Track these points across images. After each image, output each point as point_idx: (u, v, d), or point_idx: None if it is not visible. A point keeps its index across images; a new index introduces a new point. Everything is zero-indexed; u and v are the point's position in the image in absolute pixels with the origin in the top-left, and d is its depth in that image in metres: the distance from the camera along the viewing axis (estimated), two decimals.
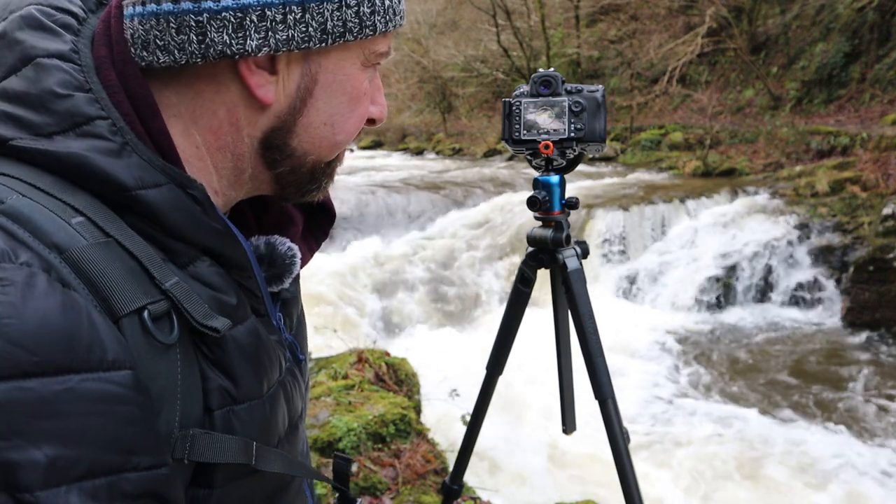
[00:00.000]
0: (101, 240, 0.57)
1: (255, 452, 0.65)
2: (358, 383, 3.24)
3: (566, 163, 1.42)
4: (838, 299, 7.96)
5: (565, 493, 4.03)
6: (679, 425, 5.44)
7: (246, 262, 0.69)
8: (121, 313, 0.55)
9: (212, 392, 0.63)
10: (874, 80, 12.22)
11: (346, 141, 0.74)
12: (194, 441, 0.60)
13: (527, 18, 19.11)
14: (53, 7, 0.65)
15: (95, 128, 0.60)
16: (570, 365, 1.62)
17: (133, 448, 0.53)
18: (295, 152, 0.71)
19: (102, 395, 0.51)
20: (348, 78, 0.70)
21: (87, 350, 0.51)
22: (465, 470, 1.69)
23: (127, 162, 0.60)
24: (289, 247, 0.78)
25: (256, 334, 0.68)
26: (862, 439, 5.31)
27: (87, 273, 0.54)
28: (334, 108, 0.71)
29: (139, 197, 0.60)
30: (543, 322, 1.71)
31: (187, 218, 0.62)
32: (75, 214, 0.57)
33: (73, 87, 0.61)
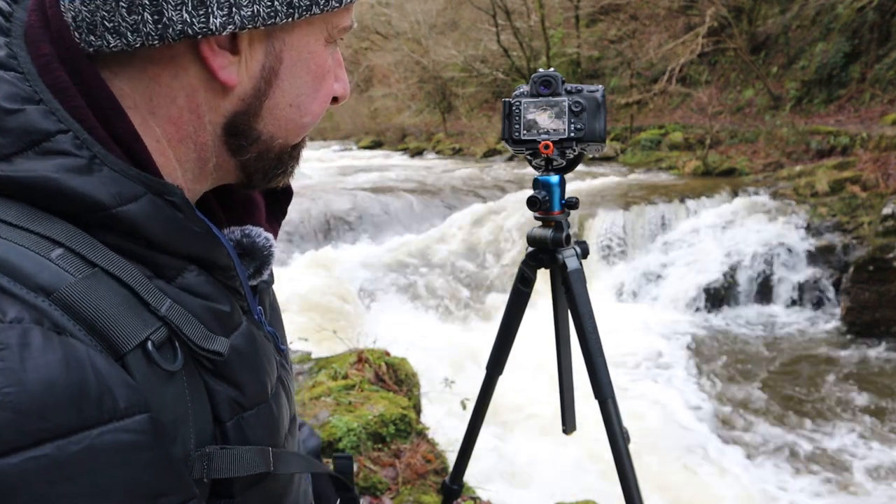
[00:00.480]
0: (87, 272, 0.53)
1: (273, 458, 0.64)
2: (358, 383, 3.24)
3: (566, 163, 1.42)
4: (838, 299, 7.97)
5: (565, 493, 4.03)
6: (679, 425, 5.44)
7: (229, 262, 0.66)
8: (124, 350, 0.52)
9: (220, 404, 0.61)
10: (874, 80, 12.23)
11: (313, 123, 0.70)
12: (211, 459, 0.58)
13: (527, 18, 19.12)
14: None
15: (58, 144, 0.54)
16: (570, 365, 1.62)
17: (161, 491, 0.51)
18: (261, 137, 0.67)
19: (122, 446, 0.49)
20: (312, 55, 0.66)
21: (98, 403, 0.48)
22: (465, 470, 1.69)
23: (99, 178, 0.54)
24: (265, 237, 0.74)
25: (252, 337, 0.67)
26: (861, 439, 5.31)
27: (81, 313, 0.51)
28: (299, 87, 0.66)
29: (120, 215, 0.55)
30: (543, 322, 1.71)
31: (170, 228, 0.58)
32: (53, 247, 0.52)
33: (22, 100, 0.54)
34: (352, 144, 24.11)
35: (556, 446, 4.58)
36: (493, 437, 4.53)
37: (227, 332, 0.63)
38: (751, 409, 5.83)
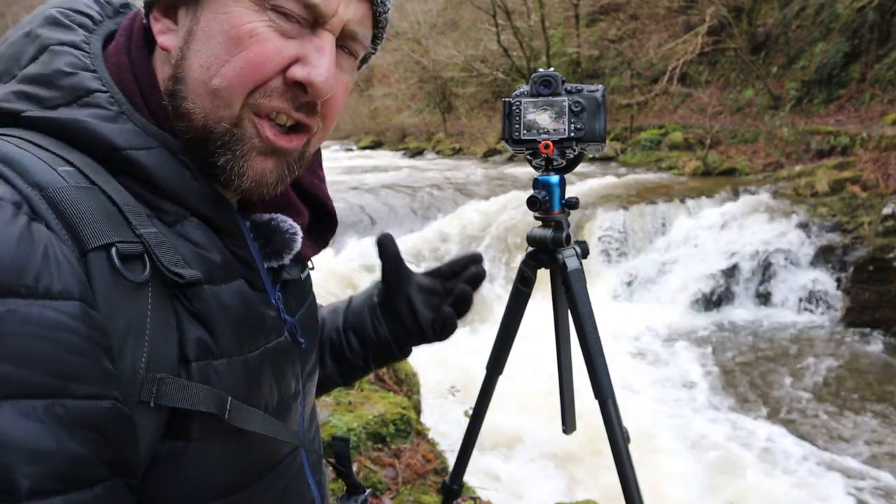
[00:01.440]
0: (85, 185, 0.60)
1: (230, 407, 0.64)
2: (358, 383, 3.24)
3: (566, 163, 1.42)
4: (838, 299, 7.97)
5: (565, 493, 4.04)
6: (679, 424, 5.44)
7: (236, 229, 0.71)
8: (88, 247, 0.57)
9: (189, 343, 0.63)
10: (874, 80, 12.22)
11: (225, 89, 0.67)
12: (161, 385, 0.59)
13: (527, 18, 19.12)
14: (72, 10, 0.72)
15: (95, 99, 0.65)
16: (570, 365, 1.61)
17: (71, 375, 0.53)
18: (185, 104, 0.68)
19: (44, 321, 0.52)
20: (228, 16, 0.66)
21: (35, 278, 0.53)
22: (465, 470, 1.69)
23: (121, 127, 0.65)
24: (290, 224, 0.78)
25: (242, 297, 0.69)
26: (862, 439, 5.31)
27: (61, 208, 0.57)
28: (211, 48, 0.67)
29: (129, 157, 0.64)
30: (543, 322, 1.71)
31: (177, 179, 0.66)
32: (65, 164, 0.61)
33: (80, 67, 0.67)
34: (352, 144, 24.11)
35: (556, 446, 4.58)
36: (494, 437, 4.53)
37: (211, 278, 0.66)
38: (750, 408, 5.83)
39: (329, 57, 0.69)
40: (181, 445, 0.63)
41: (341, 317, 1.10)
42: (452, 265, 1.06)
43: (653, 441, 4.98)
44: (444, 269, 1.06)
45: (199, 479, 0.65)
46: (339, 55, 0.73)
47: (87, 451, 0.53)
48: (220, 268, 0.67)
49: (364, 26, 0.74)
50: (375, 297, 1.08)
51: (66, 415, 0.52)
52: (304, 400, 0.84)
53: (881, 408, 5.82)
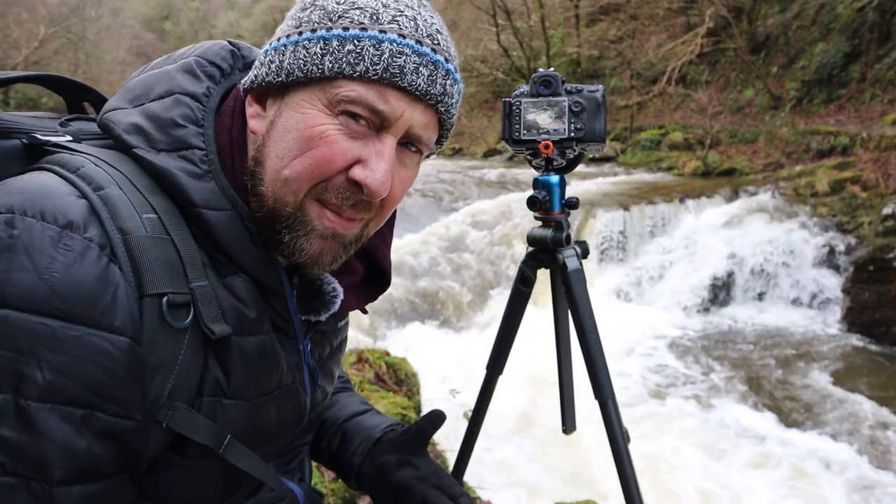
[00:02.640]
0: (161, 235, 0.72)
1: (226, 443, 0.77)
2: (358, 383, 3.24)
3: (566, 163, 1.42)
4: (838, 299, 7.96)
5: (565, 493, 4.04)
6: (679, 425, 5.44)
7: (279, 289, 0.81)
8: (146, 293, 0.70)
9: (207, 381, 0.75)
10: (874, 80, 12.22)
11: (293, 179, 0.76)
12: (175, 412, 0.73)
13: (527, 18, 19.11)
14: (208, 61, 0.85)
15: (191, 154, 0.77)
16: (570, 365, 1.61)
17: (108, 396, 0.67)
18: (260, 186, 0.79)
19: (98, 349, 0.66)
20: (304, 117, 0.76)
21: (101, 314, 0.66)
22: (465, 470, 1.69)
23: (203, 185, 0.76)
24: (333, 287, 0.88)
25: (265, 349, 0.80)
26: (861, 439, 5.31)
27: (135, 255, 0.70)
28: (286, 142, 0.77)
29: (201, 214, 0.75)
30: (543, 322, 1.71)
31: (236, 241, 0.77)
32: (150, 211, 0.73)
33: (190, 121, 0.78)
34: None
35: (556, 446, 4.58)
36: (494, 437, 4.53)
37: (241, 331, 0.77)
38: (750, 409, 5.83)
39: (387, 162, 0.77)
40: (177, 459, 0.76)
41: (345, 415, 1.15)
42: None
43: (653, 441, 4.98)
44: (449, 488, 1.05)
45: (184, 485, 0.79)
46: (404, 153, 0.81)
47: (106, 454, 0.68)
48: (252, 323, 0.79)
49: (429, 130, 0.80)
50: (380, 432, 1.11)
51: (97, 425, 0.66)
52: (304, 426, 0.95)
53: (882, 407, 5.82)
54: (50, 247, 0.65)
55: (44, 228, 0.66)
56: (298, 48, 0.75)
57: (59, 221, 0.67)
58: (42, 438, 0.63)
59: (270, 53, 0.78)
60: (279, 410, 0.86)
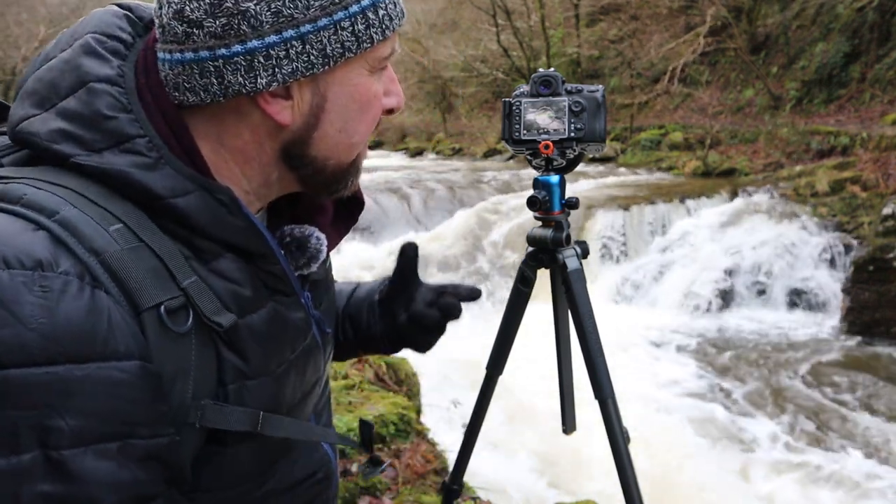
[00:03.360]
0: (134, 244, 0.68)
1: (262, 421, 0.76)
2: (358, 383, 3.24)
3: (566, 163, 1.42)
4: (838, 299, 7.96)
5: (565, 493, 4.04)
6: (678, 425, 5.44)
7: (269, 252, 0.79)
8: (142, 308, 0.67)
9: (226, 370, 0.74)
10: (874, 80, 12.22)
11: (363, 141, 0.82)
12: (205, 410, 0.72)
13: (527, 18, 19.11)
14: (106, 35, 0.76)
15: (135, 145, 0.71)
16: (570, 365, 1.61)
17: (136, 421, 0.65)
18: (315, 160, 0.80)
19: (112, 380, 0.64)
20: (357, 87, 0.78)
21: (103, 344, 0.63)
22: (465, 470, 1.69)
23: (161, 174, 0.71)
24: (316, 236, 0.88)
25: (271, 320, 0.79)
26: (860, 439, 5.31)
27: (117, 273, 0.66)
28: (347, 115, 0.79)
29: (171, 204, 0.71)
30: (543, 322, 1.71)
31: (213, 219, 0.73)
32: (115, 221, 0.68)
33: (118, 109, 0.72)
34: None
35: (556, 446, 4.58)
36: (494, 437, 4.53)
37: (243, 312, 0.76)
38: (750, 409, 5.83)
39: (398, 82, 0.85)
40: (219, 449, 0.76)
41: (343, 301, 1.18)
42: (454, 287, 1.13)
43: (652, 441, 4.98)
44: (448, 287, 1.12)
45: (231, 470, 0.78)
46: None
47: (151, 476, 0.67)
48: (252, 299, 0.77)
49: None
50: (377, 294, 1.15)
51: (134, 452, 0.65)
52: (323, 378, 0.96)
53: (882, 407, 5.82)
54: (26, 294, 0.61)
55: (12, 276, 0.61)
56: (338, 30, 0.73)
57: (25, 264, 0.62)
58: (85, 483, 0.62)
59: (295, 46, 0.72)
60: (301, 371, 0.85)
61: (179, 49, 0.72)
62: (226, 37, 0.70)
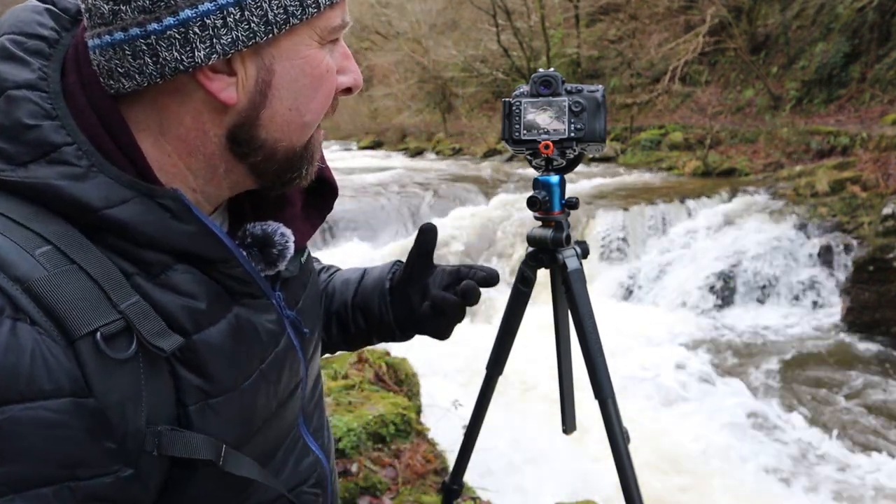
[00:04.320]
0: (64, 267, 0.62)
1: (224, 455, 0.71)
2: (358, 383, 3.24)
3: (566, 163, 1.42)
4: (838, 299, 7.96)
5: (565, 493, 4.03)
6: (678, 425, 5.44)
7: (227, 255, 0.72)
8: (75, 336, 0.60)
9: (186, 390, 0.69)
10: (874, 80, 12.22)
11: (315, 120, 0.75)
12: (161, 438, 0.66)
13: (527, 18, 19.11)
14: (25, 34, 0.69)
15: (62, 155, 0.64)
16: (570, 365, 1.61)
17: (72, 463, 0.60)
18: (265, 143, 0.73)
19: (39, 422, 0.57)
20: (306, 60, 0.71)
21: (27, 383, 0.57)
22: (465, 470, 1.69)
23: (93, 183, 0.64)
24: (281, 233, 0.81)
25: (233, 331, 0.73)
26: (860, 439, 5.31)
27: (44, 301, 0.60)
28: (297, 91, 0.72)
29: (107, 216, 0.64)
30: (543, 322, 1.71)
31: (157, 227, 0.66)
32: (42, 244, 0.62)
33: (41, 117, 0.65)
34: (352, 144, 24.09)
35: (556, 446, 4.58)
36: (494, 437, 4.53)
37: (199, 327, 0.70)
38: (750, 408, 5.83)
39: (352, 58, 0.77)
40: (187, 474, 0.70)
41: (351, 291, 1.12)
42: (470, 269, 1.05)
43: (652, 441, 4.98)
44: (462, 269, 1.05)
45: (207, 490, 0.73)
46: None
47: None
48: (209, 312, 0.71)
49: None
50: (388, 281, 1.09)
51: (72, 495, 0.60)
52: (307, 381, 0.90)
53: (882, 407, 5.82)
54: None
55: None
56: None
57: None
58: None
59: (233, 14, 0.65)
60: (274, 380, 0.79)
61: (108, 31, 0.65)
62: (155, 10, 0.64)
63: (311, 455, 0.89)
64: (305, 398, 0.90)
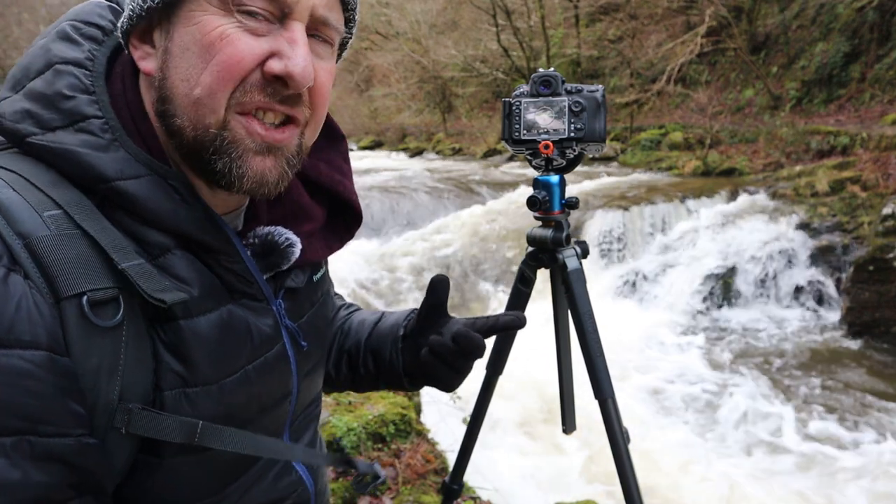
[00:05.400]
0: (69, 231, 0.64)
1: (200, 431, 0.69)
2: None
3: (566, 163, 1.42)
4: (838, 299, 7.96)
5: (565, 492, 4.04)
6: (679, 425, 5.44)
7: (228, 247, 0.73)
8: (62, 296, 0.62)
9: (164, 374, 0.69)
10: (874, 80, 12.22)
11: (206, 96, 0.68)
12: (131, 416, 0.65)
13: (527, 18, 19.11)
14: (84, 22, 0.75)
15: (89, 125, 0.68)
16: (570, 365, 1.61)
17: (36, 417, 0.59)
18: (174, 121, 0.70)
19: (12, 369, 0.58)
20: (198, 26, 0.68)
21: (6, 330, 0.58)
22: (465, 470, 1.69)
23: (112, 156, 0.67)
24: (286, 237, 0.81)
25: (224, 324, 0.73)
26: (859, 439, 5.31)
27: (40, 258, 0.62)
28: (189, 60, 0.68)
29: (118, 187, 0.67)
30: (543, 322, 1.71)
31: (165, 205, 0.68)
32: (53, 208, 0.65)
33: (79, 90, 0.69)
34: (352, 144, 24.10)
35: (556, 446, 4.58)
36: (494, 438, 4.53)
37: (188, 314, 0.70)
38: (751, 408, 5.82)
39: (302, 46, 0.70)
40: (155, 461, 0.69)
41: (366, 332, 1.10)
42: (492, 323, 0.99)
43: (652, 441, 4.98)
44: (480, 324, 0.99)
45: (173, 485, 0.72)
46: (315, 44, 0.74)
47: (51, 479, 0.60)
48: (200, 300, 0.71)
49: (333, 10, 0.74)
50: (402, 328, 1.06)
51: (31, 450, 0.59)
52: (298, 396, 0.88)
53: (882, 407, 5.82)
54: None
55: None
56: None
57: None
58: None
59: None
60: (260, 383, 0.78)
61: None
62: None
63: (294, 474, 0.87)
64: (294, 413, 0.88)
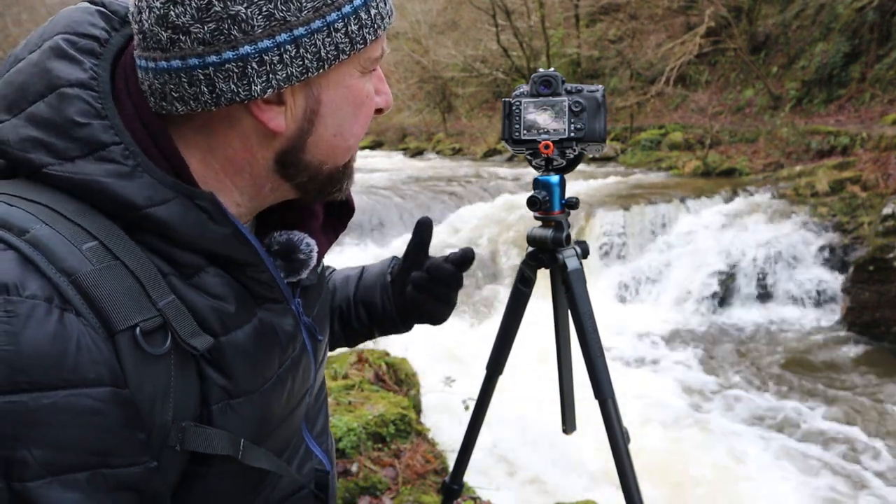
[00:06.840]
0: (108, 263, 0.65)
1: (243, 448, 0.74)
2: (358, 383, 3.24)
3: (566, 163, 1.42)
4: (838, 299, 7.96)
5: (565, 492, 4.04)
6: (679, 425, 5.44)
7: (256, 260, 0.76)
8: (116, 330, 0.64)
9: (210, 389, 0.72)
10: (874, 80, 12.22)
11: (357, 142, 0.81)
12: (185, 433, 0.69)
13: (527, 18, 19.11)
14: (78, 34, 0.72)
15: (110, 153, 0.67)
16: (570, 365, 1.62)
17: (106, 451, 0.63)
18: (310, 165, 0.77)
19: (80, 408, 0.61)
20: (350, 89, 0.76)
21: (72, 371, 0.60)
22: (465, 470, 1.69)
23: (138, 183, 0.67)
24: (307, 242, 0.85)
25: (258, 333, 0.76)
26: (859, 440, 5.31)
27: (90, 295, 0.63)
28: (341, 118, 0.76)
29: (149, 214, 0.67)
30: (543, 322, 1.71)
31: (194, 227, 0.70)
32: (89, 239, 0.65)
33: (91, 115, 0.68)
34: None
35: (556, 446, 4.58)
36: (494, 437, 4.53)
37: (227, 329, 0.73)
38: (751, 408, 5.83)
39: (384, 80, 0.82)
40: (203, 470, 0.74)
41: (352, 287, 1.17)
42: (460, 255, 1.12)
43: (653, 441, 4.98)
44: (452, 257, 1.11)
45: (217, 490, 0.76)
46: None
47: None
48: (237, 314, 0.74)
49: None
50: (388, 274, 1.15)
51: (104, 482, 0.63)
52: (314, 385, 0.94)
53: (882, 407, 5.82)
54: None
55: None
56: (331, 32, 0.70)
57: None
58: None
59: (289, 51, 0.68)
60: (290, 383, 0.83)
61: (164, 57, 0.68)
62: (215, 43, 0.66)
63: (314, 458, 0.92)
64: (310, 402, 0.93)
